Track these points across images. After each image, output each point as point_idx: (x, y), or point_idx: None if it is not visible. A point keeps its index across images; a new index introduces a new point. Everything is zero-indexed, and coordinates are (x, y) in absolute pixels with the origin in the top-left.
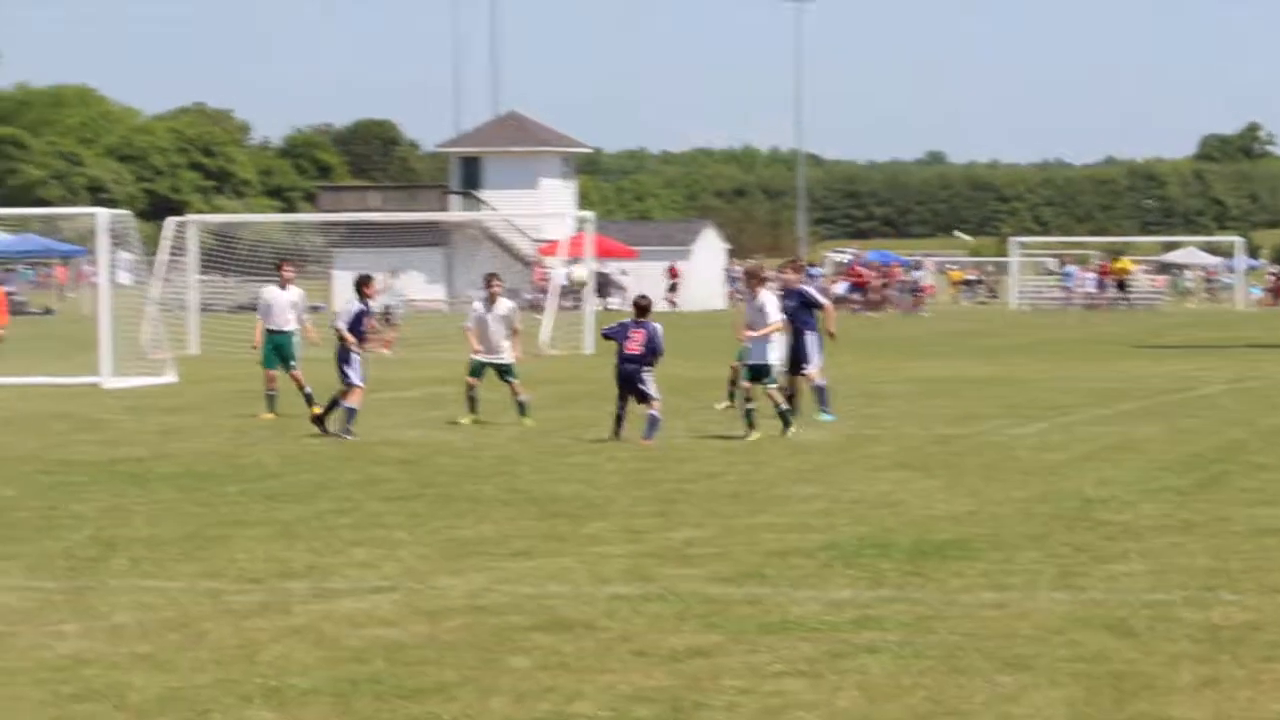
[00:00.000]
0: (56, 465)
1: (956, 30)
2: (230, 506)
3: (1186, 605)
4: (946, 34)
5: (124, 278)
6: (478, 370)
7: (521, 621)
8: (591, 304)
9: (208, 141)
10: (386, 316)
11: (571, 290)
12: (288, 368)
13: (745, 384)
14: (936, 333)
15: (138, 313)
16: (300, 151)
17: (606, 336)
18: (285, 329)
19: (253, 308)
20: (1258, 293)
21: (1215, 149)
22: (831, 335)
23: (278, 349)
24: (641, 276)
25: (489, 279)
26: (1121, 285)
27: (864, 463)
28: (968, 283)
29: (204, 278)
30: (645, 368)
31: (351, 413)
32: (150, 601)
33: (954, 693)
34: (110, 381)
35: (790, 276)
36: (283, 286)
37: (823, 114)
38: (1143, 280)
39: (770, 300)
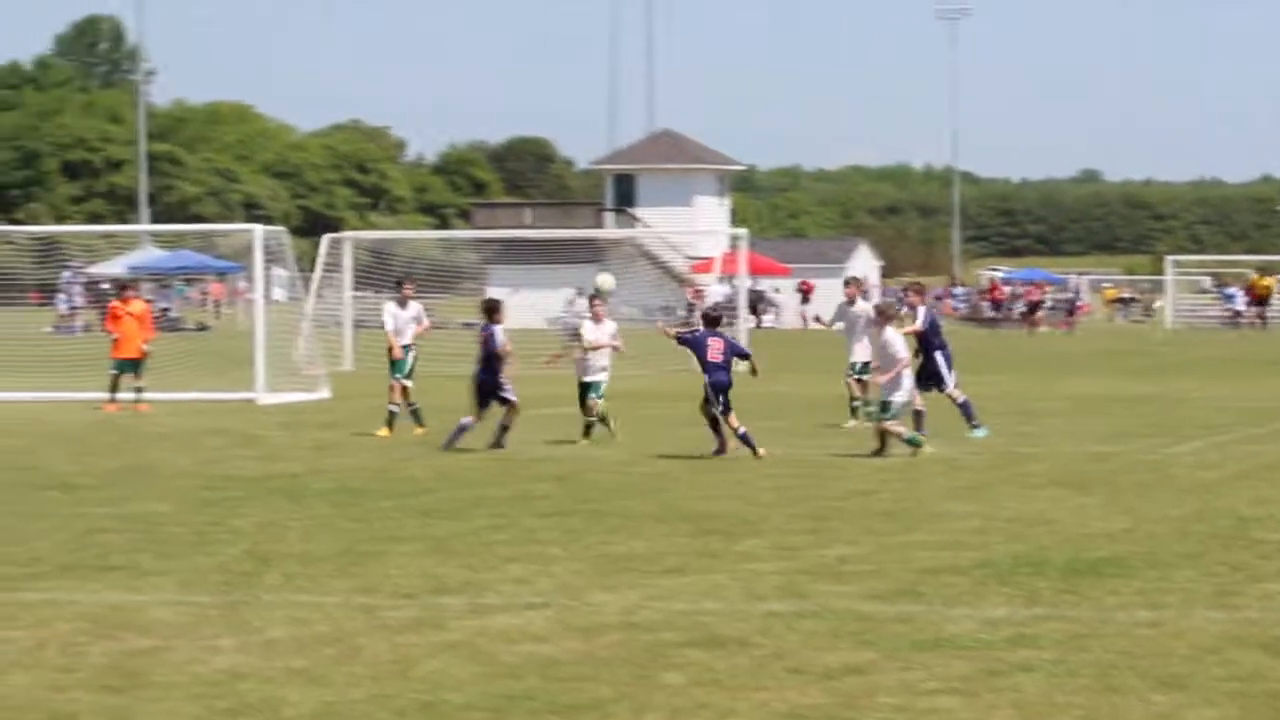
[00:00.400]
0: (211, 481)
1: (1112, 47)
2: (384, 522)
3: None
4: (1102, 51)
5: (279, 294)
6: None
7: (675, 638)
8: (745, 321)
9: (362, 158)
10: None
11: (727, 307)
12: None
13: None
14: (1091, 351)
15: (292, 329)
16: (455, 168)
17: (682, 342)
18: (405, 343)
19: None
20: None
21: None
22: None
23: (396, 365)
24: (796, 293)
25: (592, 299)
26: (1262, 302)
27: (1019, 480)
28: (1122, 301)
29: (358, 294)
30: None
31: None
32: (304, 616)
33: (1108, 711)
34: (265, 397)
35: (914, 299)
36: (403, 304)
37: (977, 131)
38: None
39: (896, 339)
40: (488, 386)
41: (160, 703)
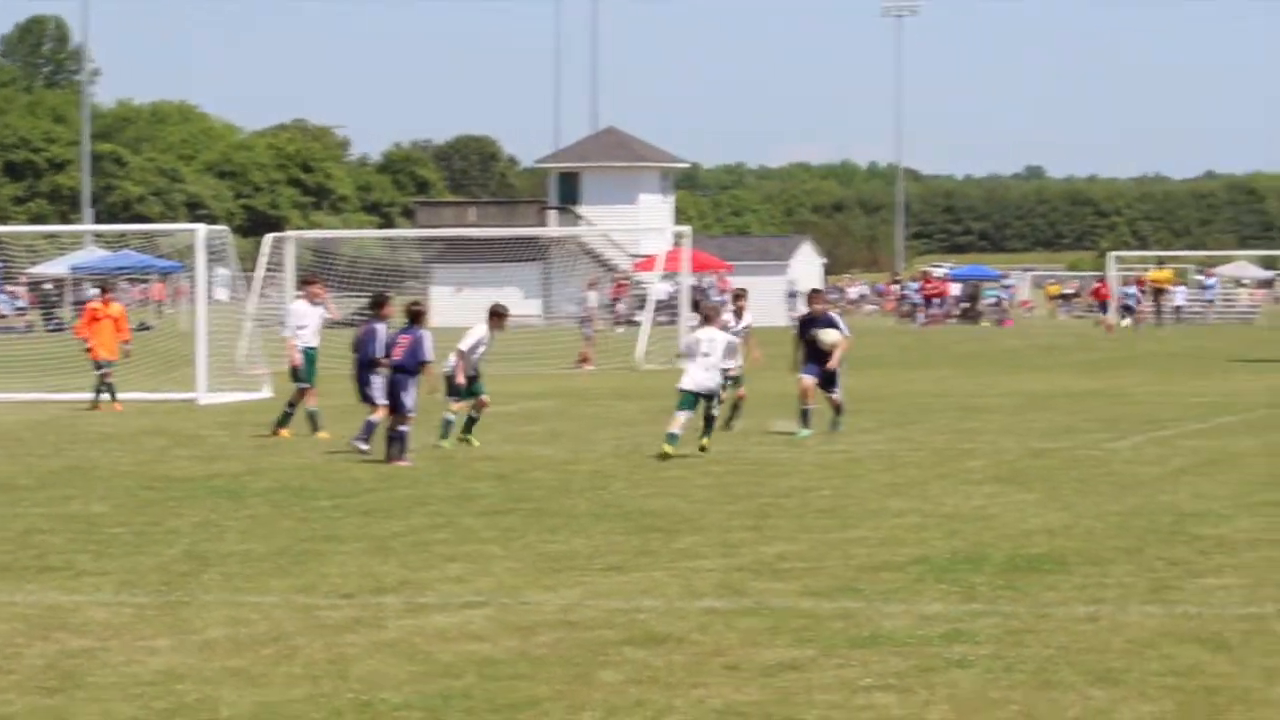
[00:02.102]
0: (151, 481)
1: (1055, 45)
2: (324, 521)
3: None
4: (1046, 48)
5: (221, 294)
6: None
7: (613, 636)
8: (686, 319)
9: (306, 158)
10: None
11: (669, 304)
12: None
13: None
14: (1033, 347)
15: (234, 329)
16: (399, 167)
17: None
18: (314, 345)
19: (349, 324)
20: None
21: None
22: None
23: (308, 369)
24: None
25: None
26: (1157, 295)
27: (958, 477)
28: (1064, 297)
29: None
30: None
31: (371, 427)
32: (243, 616)
33: (1045, 707)
34: (206, 397)
35: (818, 306)
36: (314, 302)
37: (922, 129)
38: (1242, 295)
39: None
40: (399, 385)
41: (97, 703)
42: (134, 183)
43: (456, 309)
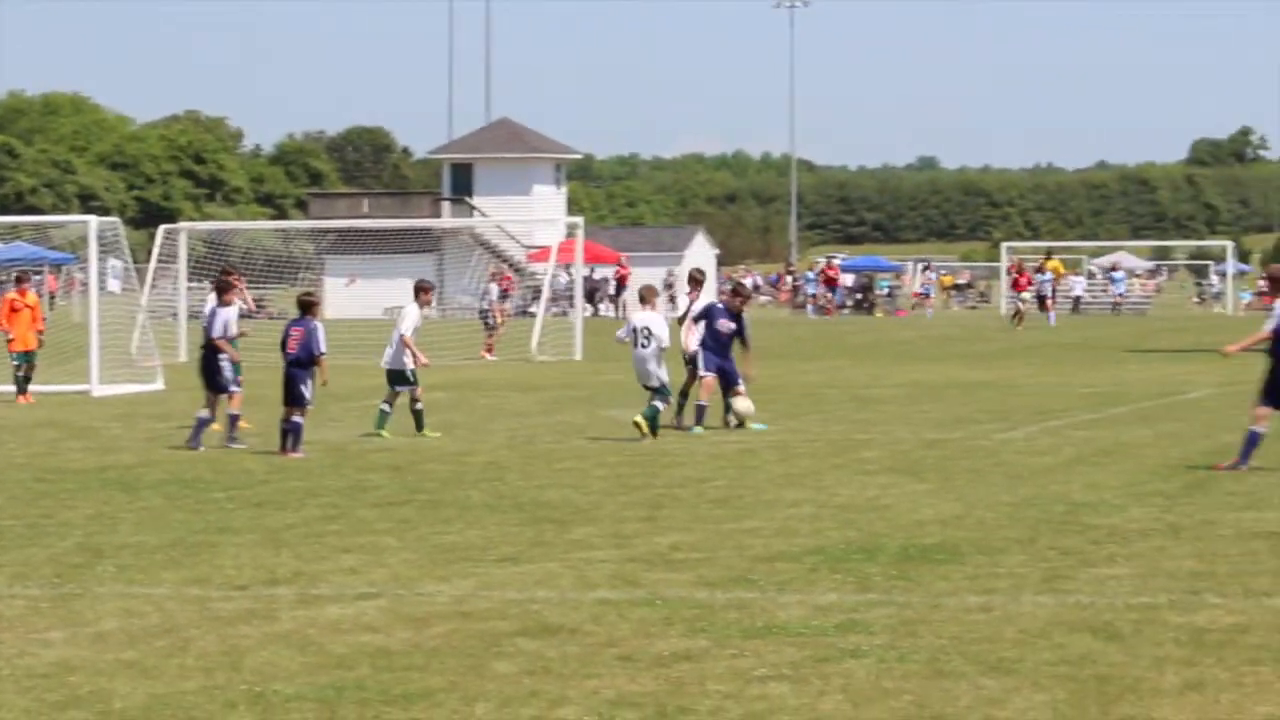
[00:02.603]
0: (44, 473)
1: (949, 36)
2: (217, 513)
3: (1172, 609)
4: (939, 39)
5: (114, 285)
6: None
7: (507, 627)
8: (580, 310)
9: (199, 149)
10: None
11: (564, 294)
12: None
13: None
14: (928, 337)
15: (127, 320)
16: (292, 159)
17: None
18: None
19: (243, 316)
20: (1248, 297)
21: (1207, 153)
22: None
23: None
24: (634, 283)
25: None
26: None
27: (853, 467)
28: (958, 287)
29: (194, 285)
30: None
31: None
32: (136, 608)
33: (938, 696)
34: (99, 389)
35: (737, 301)
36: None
37: (815, 119)
38: (1135, 285)
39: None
40: (296, 378)
41: None
42: (26, 174)
43: (349, 300)
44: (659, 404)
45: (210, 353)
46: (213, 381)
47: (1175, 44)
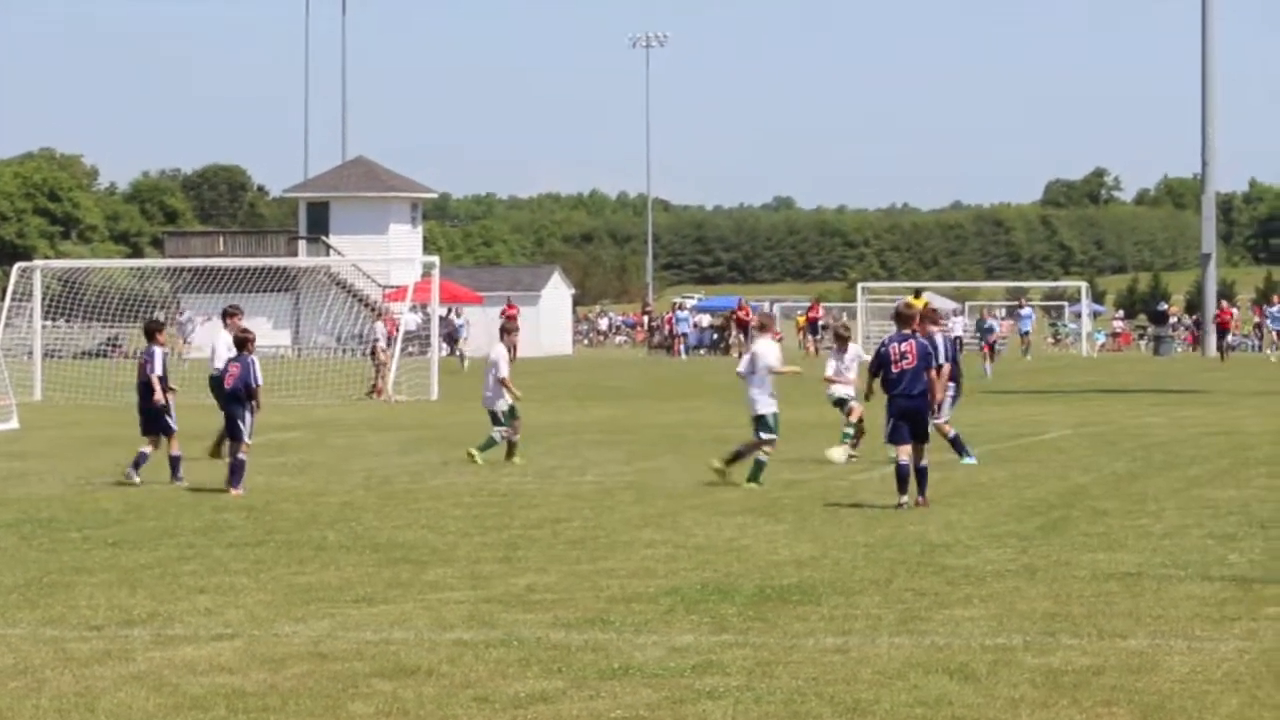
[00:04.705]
0: None
1: (804, 77)
2: (72, 553)
3: (1027, 650)
4: (795, 80)
5: None
6: None
7: (363, 668)
8: (436, 350)
9: (54, 186)
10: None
11: (418, 335)
12: None
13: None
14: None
15: None
16: (147, 196)
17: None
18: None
19: (98, 354)
20: (1102, 339)
21: (1061, 194)
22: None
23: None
24: (490, 322)
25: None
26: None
27: (710, 508)
28: (814, 327)
29: (49, 324)
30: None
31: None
32: None
33: None
34: None
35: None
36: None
37: (672, 159)
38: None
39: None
40: (235, 414)
41: None
42: None
43: (205, 337)
44: (763, 445)
45: (148, 393)
46: (158, 423)
47: (1030, 85)
